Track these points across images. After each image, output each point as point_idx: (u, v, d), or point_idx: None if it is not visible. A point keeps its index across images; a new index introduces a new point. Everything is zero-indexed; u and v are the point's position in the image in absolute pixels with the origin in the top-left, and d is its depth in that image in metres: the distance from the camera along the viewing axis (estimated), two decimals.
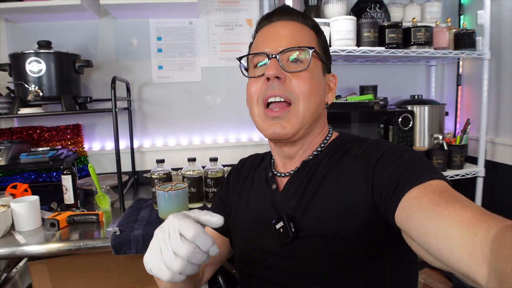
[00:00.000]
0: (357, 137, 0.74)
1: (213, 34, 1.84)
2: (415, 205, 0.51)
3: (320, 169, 0.70)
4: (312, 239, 0.65)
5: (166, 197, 1.19)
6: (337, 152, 0.71)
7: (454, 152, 1.70)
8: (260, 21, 0.76)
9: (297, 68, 0.68)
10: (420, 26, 1.57)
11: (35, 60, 1.39)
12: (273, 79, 0.67)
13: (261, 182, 0.80)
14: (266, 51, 0.69)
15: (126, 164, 1.73)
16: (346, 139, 0.74)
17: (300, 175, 0.72)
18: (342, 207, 0.63)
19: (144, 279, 1.32)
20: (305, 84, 0.67)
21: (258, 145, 1.90)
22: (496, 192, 1.77)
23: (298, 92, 0.67)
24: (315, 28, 0.74)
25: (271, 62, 0.67)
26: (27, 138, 1.69)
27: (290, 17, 0.72)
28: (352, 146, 0.70)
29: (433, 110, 1.72)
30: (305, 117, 0.68)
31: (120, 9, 1.60)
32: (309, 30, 0.73)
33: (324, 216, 0.64)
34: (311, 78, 0.68)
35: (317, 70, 0.71)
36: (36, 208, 1.23)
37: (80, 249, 1.12)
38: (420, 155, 0.61)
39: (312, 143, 0.74)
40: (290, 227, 0.66)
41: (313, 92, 0.68)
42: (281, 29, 0.71)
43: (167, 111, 1.85)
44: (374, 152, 0.64)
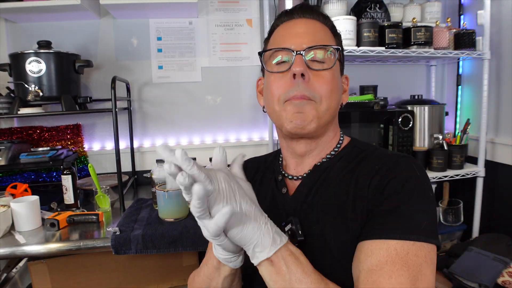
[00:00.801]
0: (371, 146, 0.73)
1: (213, 34, 1.84)
2: (362, 257, 0.58)
3: (333, 174, 0.69)
4: (319, 246, 0.64)
5: (166, 197, 1.19)
6: (352, 159, 0.70)
7: (454, 152, 1.70)
8: (280, 17, 0.74)
9: (322, 66, 0.67)
10: (420, 26, 1.57)
11: (35, 60, 1.39)
12: (299, 75, 0.65)
13: (270, 186, 0.78)
14: (292, 47, 0.67)
15: (126, 164, 1.73)
16: (360, 147, 0.73)
17: (312, 179, 0.70)
18: (351, 217, 0.63)
19: (144, 279, 1.32)
20: (327, 84, 0.67)
21: (258, 145, 1.91)
22: (496, 192, 1.77)
23: (321, 92, 0.66)
24: (333, 29, 0.73)
25: (297, 59, 0.65)
26: (27, 138, 1.69)
27: (312, 16, 0.71)
28: (369, 155, 0.69)
29: (433, 110, 1.72)
30: (325, 115, 0.67)
31: (120, 9, 1.60)
32: (328, 31, 0.72)
33: (333, 224, 0.64)
34: (332, 78, 0.68)
35: (337, 71, 0.71)
36: (36, 208, 1.23)
37: (80, 249, 1.12)
38: (424, 208, 0.59)
39: (326, 145, 0.73)
40: (297, 229, 0.64)
41: (334, 92, 0.68)
42: (303, 26, 0.69)
43: (167, 111, 1.85)
44: (393, 183, 0.61)
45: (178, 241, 1.14)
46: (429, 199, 0.61)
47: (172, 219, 1.21)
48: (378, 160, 0.66)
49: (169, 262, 1.33)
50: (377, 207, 0.60)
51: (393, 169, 0.63)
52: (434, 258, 0.58)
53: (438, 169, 1.67)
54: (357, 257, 0.59)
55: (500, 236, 1.59)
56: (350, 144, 0.74)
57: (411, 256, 0.55)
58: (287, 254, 0.56)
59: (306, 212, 0.68)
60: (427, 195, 0.61)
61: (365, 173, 0.64)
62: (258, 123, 1.93)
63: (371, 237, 0.58)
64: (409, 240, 0.56)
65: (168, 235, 1.14)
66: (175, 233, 1.14)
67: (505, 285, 1.34)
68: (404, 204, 0.58)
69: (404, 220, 0.58)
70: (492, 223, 1.79)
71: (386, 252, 0.56)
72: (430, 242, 0.57)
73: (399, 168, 0.63)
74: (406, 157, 0.66)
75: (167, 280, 1.34)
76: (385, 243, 0.56)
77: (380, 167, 0.64)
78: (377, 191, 0.61)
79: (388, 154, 0.68)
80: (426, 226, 0.57)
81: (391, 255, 0.55)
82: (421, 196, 0.60)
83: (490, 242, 1.55)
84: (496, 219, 1.78)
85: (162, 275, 1.33)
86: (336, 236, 0.63)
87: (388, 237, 0.57)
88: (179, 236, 1.14)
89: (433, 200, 0.63)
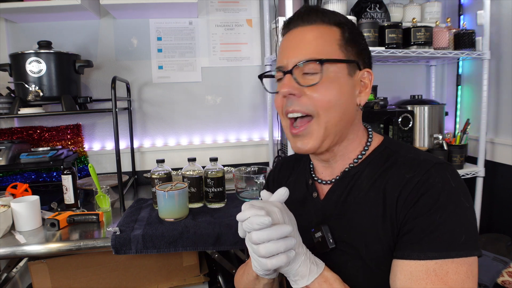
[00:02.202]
0: (404, 147, 0.69)
1: (213, 34, 1.84)
2: (401, 277, 0.58)
3: (361, 180, 0.67)
4: (350, 253, 0.65)
5: (166, 197, 1.19)
6: (382, 164, 0.67)
7: (454, 152, 1.70)
8: (282, 29, 0.73)
9: (313, 80, 0.64)
10: (420, 26, 1.57)
11: (36, 60, 1.39)
12: (288, 96, 0.66)
13: (301, 189, 0.78)
14: (283, 64, 0.67)
15: (126, 164, 1.74)
16: (392, 148, 0.69)
17: (341, 185, 0.70)
18: (382, 228, 0.62)
19: (144, 279, 1.32)
20: (322, 96, 0.64)
21: (258, 145, 1.91)
22: (496, 192, 1.77)
23: (317, 105, 0.64)
24: (339, 24, 0.67)
25: (285, 79, 0.66)
26: (27, 138, 1.69)
27: (308, 21, 0.67)
28: (399, 160, 0.65)
29: (433, 110, 1.72)
30: (327, 129, 0.65)
31: (120, 9, 1.60)
32: (329, 30, 0.66)
33: (364, 233, 0.64)
34: (328, 88, 0.64)
35: (337, 76, 0.65)
36: (36, 208, 1.23)
37: (80, 249, 1.12)
38: (461, 220, 0.57)
39: (349, 148, 0.71)
40: (328, 238, 0.66)
41: (333, 103, 0.64)
42: (296, 39, 0.67)
43: (167, 111, 1.85)
44: (426, 199, 0.58)
45: (178, 241, 1.14)
46: (465, 210, 0.58)
47: (172, 219, 1.21)
48: (409, 168, 0.62)
49: (169, 262, 1.33)
50: (411, 223, 0.58)
51: (424, 182, 0.59)
52: (475, 269, 0.57)
53: None
54: (395, 275, 0.59)
55: (500, 236, 1.59)
56: (380, 146, 0.71)
57: (451, 275, 0.55)
58: (322, 281, 0.60)
59: (336, 218, 0.68)
60: (463, 206, 0.58)
61: (394, 182, 0.62)
62: (258, 123, 1.93)
63: (409, 257, 0.57)
64: (448, 258, 0.55)
65: (168, 235, 1.14)
66: (175, 233, 1.14)
67: (505, 285, 1.34)
68: (439, 221, 0.56)
69: (441, 237, 0.56)
70: (491, 223, 1.79)
71: (425, 274, 0.55)
72: (472, 255, 0.56)
73: (431, 180, 0.59)
74: (439, 164, 0.61)
75: (167, 280, 1.34)
76: (424, 265, 0.56)
77: (410, 178, 0.61)
78: (408, 205, 0.59)
79: (421, 160, 0.63)
80: (465, 239, 0.56)
81: (430, 276, 0.55)
82: (456, 209, 0.57)
83: (490, 242, 1.55)
84: (495, 219, 1.78)
85: (162, 275, 1.33)
86: (367, 245, 0.63)
87: (426, 257, 0.56)
88: (179, 236, 1.14)
89: (470, 208, 0.59)
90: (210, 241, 1.14)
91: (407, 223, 0.59)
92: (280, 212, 0.58)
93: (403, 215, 0.59)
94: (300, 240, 0.61)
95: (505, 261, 1.39)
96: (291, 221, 0.60)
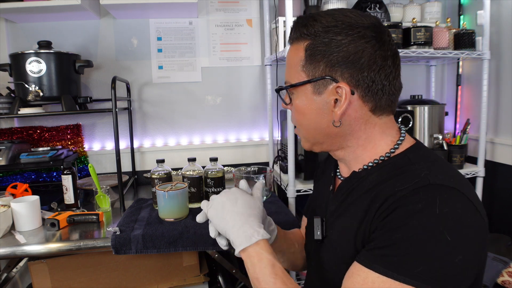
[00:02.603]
0: (425, 158, 0.63)
1: (213, 34, 1.84)
2: (346, 275, 0.60)
3: (364, 184, 0.66)
4: (330, 250, 0.70)
5: (166, 197, 1.19)
6: (388, 172, 0.63)
7: (454, 152, 1.70)
8: None
9: (287, 102, 0.73)
10: (420, 26, 1.57)
11: (36, 60, 1.39)
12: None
13: (326, 181, 0.83)
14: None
15: (126, 164, 1.74)
16: (411, 158, 0.63)
17: (347, 184, 0.71)
18: (356, 231, 0.62)
19: (144, 279, 1.32)
20: (296, 115, 0.72)
21: (258, 145, 1.91)
22: (496, 192, 1.77)
23: (296, 122, 0.74)
24: (313, 34, 0.63)
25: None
26: (27, 138, 1.69)
27: (292, 39, 0.69)
28: (406, 172, 0.60)
29: (433, 110, 1.72)
30: (311, 137, 0.72)
31: (120, 9, 1.60)
32: (298, 48, 0.66)
33: (342, 233, 0.67)
34: (296, 110, 0.71)
35: (301, 99, 0.68)
36: (36, 208, 1.23)
37: (80, 249, 1.12)
38: (427, 252, 0.51)
39: (356, 153, 0.69)
40: (316, 230, 0.73)
41: (301, 122, 0.71)
42: (286, 58, 0.73)
43: (167, 111, 1.85)
44: (398, 214, 0.55)
45: (178, 241, 1.14)
46: (441, 243, 0.51)
47: (172, 219, 1.21)
48: (404, 181, 0.58)
49: (169, 262, 1.33)
50: (374, 233, 0.57)
51: (406, 198, 0.55)
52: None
53: None
54: (347, 273, 0.60)
55: (500, 236, 1.59)
56: (402, 153, 0.66)
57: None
58: (254, 252, 0.66)
59: (332, 215, 0.72)
60: (439, 238, 0.51)
61: (385, 193, 0.59)
62: (258, 123, 1.93)
63: (358, 260, 0.58)
64: (393, 279, 0.52)
65: (168, 235, 1.14)
66: (175, 233, 1.14)
67: (505, 285, 1.34)
68: (397, 240, 0.53)
69: (392, 257, 0.53)
70: (491, 223, 1.78)
71: (363, 280, 0.55)
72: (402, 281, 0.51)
73: (414, 198, 0.54)
74: (435, 185, 0.55)
75: (167, 280, 1.34)
76: (366, 272, 0.55)
77: (397, 191, 0.57)
78: (381, 216, 0.57)
79: (421, 176, 0.57)
80: (424, 271, 0.50)
81: (367, 284, 0.54)
82: (427, 237, 0.51)
83: (490, 242, 1.55)
84: (495, 219, 1.78)
85: (162, 275, 1.33)
86: (342, 246, 0.66)
87: (370, 267, 0.55)
88: (179, 236, 1.14)
89: (453, 243, 0.51)
90: (210, 241, 1.14)
91: (373, 232, 0.58)
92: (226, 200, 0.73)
93: (374, 225, 0.58)
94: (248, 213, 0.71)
95: (505, 261, 1.39)
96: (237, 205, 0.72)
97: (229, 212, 0.71)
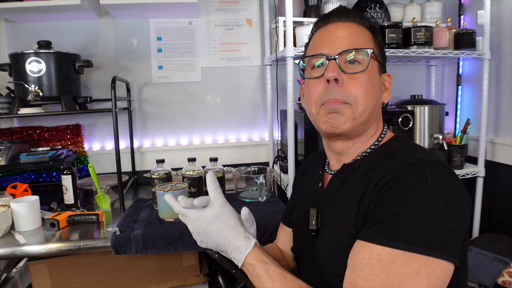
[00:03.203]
0: (408, 146, 0.69)
1: (213, 34, 1.84)
2: (350, 254, 0.61)
3: (355, 174, 0.70)
4: (327, 237, 0.70)
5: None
6: (376, 160, 0.69)
7: (454, 152, 1.70)
8: (317, 22, 0.76)
9: (355, 69, 0.68)
10: (420, 26, 1.57)
11: (35, 60, 1.39)
12: (332, 81, 0.67)
13: (313, 180, 0.84)
14: (325, 52, 0.69)
15: (126, 164, 1.73)
16: (395, 146, 0.70)
17: (339, 177, 0.74)
18: (358, 217, 0.64)
19: (144, 279, 1.31)
20: (362, 87, 0.68)
21: (258, 145, 1.91)
22: (496, 192, 1.77)
23: (356, 95, 0.67)
24: (371, 28, 0.73)
25: (330, 64, 0.68)
26: (27, 138, 1.69)
27: (347, 19, 0.72)
28: (393, 157, 0.66)
29: (433, 110, 1.72)
30: (361, 116, 0.69)
31: (120, 9, 1.60)
32: (366, 31, 0.72)
33: (340, 218, 0.68)
34: (368, 80, 0.68)
35: (374, 71, 0.70)
36: (36, 208, 1.23)
37: (80, 249, 1.12)
38: (425, 217, 0.55)
39: (364, 143, 0.73)
40: (311, 220, 0.73)
41: (370, 94, 0.68)
42: (338, 31, 0.71)
43: (167, 111, 1.85)
44: (394, 189, 0.59)
45: (178, 241, 1.14)
46: (436, 209, 0.55)
47: (172, 219, 1.21)
48: (395, 163, 0.63)
49: (169, 262, 1.33)
50: (374, 211, 0.60)
51: (399, 175, 0.60)
52: (435, 272, 0.53)
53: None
54: (351, 251, 0.61)
55: (500, 236, 1.59)
56: (386, 143, 0.73)
57: (396, 265, 0.53)
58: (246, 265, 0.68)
59: (328, 206, 0.73)
60: (434, 205, 0.55)
61: (378, 176, 0.63)
62: (258, 123, 1.93)
63: (361, 237, 0.59)
64: (397, 249, 0.54)
65: (168, 235, 1.13)
66: (175, 233, 1.14)
67: (505, 285, 1.34)
68: (397, 212, 0.56)
69: (394, 228, 0.56)
70: (492, 223, 1.79)
71: (369, 255, 0.56)
72: (431, 255, 0.53)
73: (406, 174, 0.59)
74: (423, 161, 0.61)
75: (167, 280, 1.33)
76: (370, 246, 0.57)
77: (390, 171, 0.62)
78: (378, 195, 0.61)
79: (408, 156, 0.63)
80: (423, 237, 0.54)
81: (372, 259, 0.56)
82: (423, 206, 0.56)
83: (490, 242, 1.55)
84: (496, 219, 1.78)
85: (162, 275, 1.33)
86: (342, 230, 0.66)
87: (374, 241, 0.57)
88: (179, 236, 1.14)
89: (447, 210, 0.56)
90: None
91: (373, 210, 0.61)
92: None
93: (372, 204, 0.61)
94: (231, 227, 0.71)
95: (505, 261, 1.39)
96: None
97: (206, 235, 0.71)
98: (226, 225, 0.70)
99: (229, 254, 0.70)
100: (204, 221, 0.71)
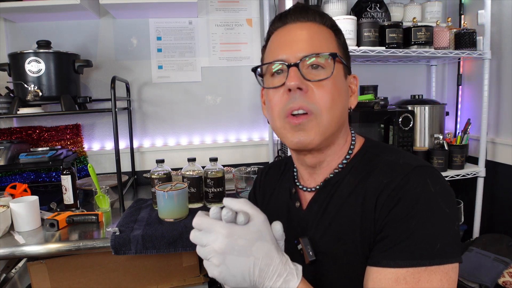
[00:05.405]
0: (385, 150, 0.66)
1: (213, 34, 1.83)
2: (370, 285, 0.56)
3: (342, 188, 0.65)
4: (332, 264, 0.64)
5: (166, 197, 1.19)
6: (362, 169, 0.65)
7: (455, 152, 1.69)
8: (273, 23, 0.69)
9: (319, 75, 0.62)
10: (421, 26, 1.57)
11: (35, 60, 1.38)
12: (294, 90, 0.61)
13: (285, 198, 0.76)
14: (284, 58, 0.63)
15: (125, 164, 1.73)
16: (373, 152, 0.67)
17: (322, 194, 0.68)
18: (360, 239, 0.60)
19: (144, 280, 1.31)
20: (328, 94, 0.62)
21: (258, 145, 1.90)
22: (497, 192, 1.77)
23: (321, 103, 0.61)
24: (333, 27, 0.68)
25: (291, 72, 0.61)
26: (26, 138, 1.69)
27: (307, 18, 0.65)
28: (379, 165, 0.63)
29: (434, 110, 1.72)
30: (329, 128, 0.63)
31: (119, 9, 1.60)
32: (327, 31, 0.66)
33: (344, 244, 0.62)
34: (333, 86, 0.63)
35: (339, 76, 0.65)
36: (35, 208, 1.22)
37: (80, 249, 1.12)
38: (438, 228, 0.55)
39: (337, 153, 0.69)
40: (308, 251, 0.64)
41: (336, 101, 0.63)
42: (297, 32, 0.64)
43: (167, 111, 1.84)
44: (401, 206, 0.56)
45: (178, 241, 1.13)
46: (443, 216, 0.56)
47: (172, 219, 1.21)
48: (387, 173, 0.60)
49: (169, 262, 1.32)
50: (386, 231, 0.57)
51: (402, 187, 0.57)
52: (453, 276, 0.55)
53: (439, 169, 1.66)
54: (366, 282, 0.57)
55: (501, 236, 1.59)
56: (361, 150, 0.69)
57: (423, 283, 0.53)
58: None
59: (317, 229, 0.66)
60: (441, 212, 0.56)
61: (373, 189, 0.60)
62: (258, 123, 1.92)
63: (379, 264, 0.56)
64: (420, 267, 0.53)
65: (168, 235, 1.13)
66: (175, 233, 1.14)
67: (506, 286, 1.33)
68: (413, 229, 0.55)
69: (414, 246, 0.54)
70: (492, 223, 1.79)
71: (395, 282, 0.54)
72: (446, 263, 0.54)
73: (409, 185, 0.57)
74: (419, 167, 0.59)
75: (167, 280, 1.33)
76: (394, 273, 0.54)
77: (387, 183, 0.59)
78: (385, 212, 0.57)
79: (400, 164, 0.61)
80: (440, 247, 0.54)
81: (400, 284, 0.53)
82: (433, 216, 0.55)
83: (490, 242, 1.54)
84: (496, 219, 1.77)
85: (162, 275, 1.32)
86: (347, 254, 0.62)
87: (397, 265, 0.54)
88: (179, 236, 1.13)
89: (451, 214, 0.57)
90: None
91: (382, 230, 0.57)
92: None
93: (380, 223, 0.58)
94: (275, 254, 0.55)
95: (506, 261, 1.39)
96: None
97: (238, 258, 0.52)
98: (269, 244, 0.54)
99: (265, 282, 0.52)
100: (245, 238, 0.52)
